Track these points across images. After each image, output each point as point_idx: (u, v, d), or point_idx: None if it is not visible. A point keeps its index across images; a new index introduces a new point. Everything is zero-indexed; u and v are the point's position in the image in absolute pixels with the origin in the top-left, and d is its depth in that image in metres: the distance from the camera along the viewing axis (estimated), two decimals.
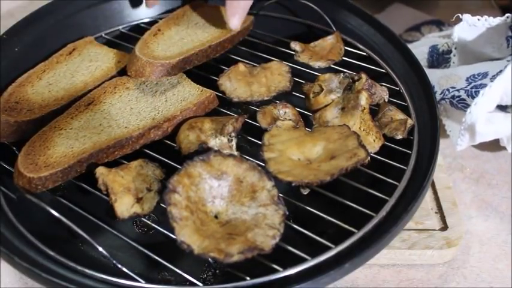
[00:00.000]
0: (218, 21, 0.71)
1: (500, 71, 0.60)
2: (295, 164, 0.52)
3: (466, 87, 0.63)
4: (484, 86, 0.60)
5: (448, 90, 0.65)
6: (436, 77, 0.66)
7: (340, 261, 0.45)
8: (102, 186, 0.50)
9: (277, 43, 0.72)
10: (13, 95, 0.60)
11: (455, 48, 0.70)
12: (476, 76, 0.63)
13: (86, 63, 0.66)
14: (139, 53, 0.62)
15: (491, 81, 0.60)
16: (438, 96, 0.66)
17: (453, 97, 0.64)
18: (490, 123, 0.61)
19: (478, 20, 0.66)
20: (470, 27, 0.67)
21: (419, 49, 0.74)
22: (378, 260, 0.53)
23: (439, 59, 0.73)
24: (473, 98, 0.61)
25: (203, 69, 0.67)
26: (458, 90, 0.63)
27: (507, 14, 0.64)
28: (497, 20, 0.65)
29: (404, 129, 0.57)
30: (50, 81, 0.63)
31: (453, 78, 0.66)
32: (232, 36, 0.68)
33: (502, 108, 0.63)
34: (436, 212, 0.59)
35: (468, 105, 0.61)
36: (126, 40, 0.72)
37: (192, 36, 0.68)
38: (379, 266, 0.56)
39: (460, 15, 0.67)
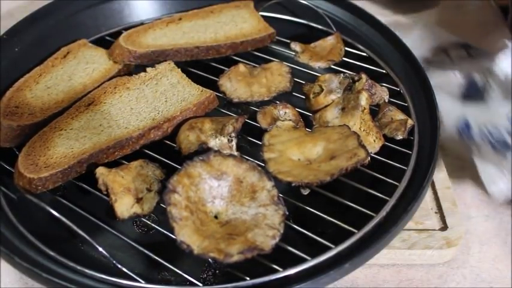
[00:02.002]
0: (235, 25, 0.71)
1: None
2: (295, 164, 0.52)
3: (509, 127, 0.58)
4: None
5: (487, 130, 0.59)
6: (472, 112, 0.61)
7: (340, 261, 0.45)
8: (102, 186, 0.50)
9: (278, 43, 0.72)
10: (12, 100, 0.60)
11: (494, 80, 0.63)
12: None
13: (83, 65, 0.66)
14: (125, 33, 0.68)
15: None
16: (475, 135, 0.59)
17: (493, 138, 0.58)
18: None
19: None
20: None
21: (451, 77, 0.67)
22: (377, 260, 0.53)
23: (476, 90, 0.66)
24: None
25: (203, 70, 0.67)
26: (499, 130, 0.58)
27: None
28: None
29: (405, 129, 0.57)
30: (47, 84, 0.63)
31: (493, 116, 0.60)
32: (235, 43, 0.69)
33: None
34: (436, 212, 0.59)
35: (510, 148, 0.56)
36: None
37: (198, 32, 0.69)
38: (379, 266, 0.56)
39: (506, 41, 0.62)
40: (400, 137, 0.57)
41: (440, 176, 0.62)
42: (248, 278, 0.45)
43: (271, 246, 0.44)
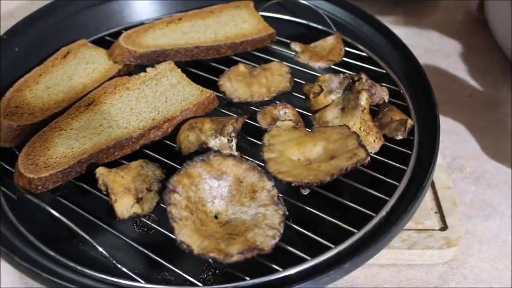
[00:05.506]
0: (235, 25, 0.71)
1: None
2: (295, 165, 0.52)
3: None
4: None
5: None
6: None
7: (340, 261, 0.45)
8: (102, 186, 0.50)
9: (278, 43, 0.72)
10: (12, 100, 0.60)
11: None
12: None
13: (83, 65, 0.66)
14: (125, 33, 0.68)
15: None
16: None
17: None
18: None
19: None
20: None
21: None
22: (377, 260, 0.53)
23: None
24: None
25: (203, 70, 0.67)
26: None
27: None
28: None
29: (405, 129, 0.57)
30: (47, 84, 0.63)
31: None
32: (235, 43, 0.69)
33: None
34: (435, 212, 0.59)
35: None
36: None
37: (198, 33, 0.70)
38: (379, 266, 0.56)
39: None
40: (400, 137, 0.57)
41: (440, 176, 0.62)
42: (248, 278, 0.45)
43: (271, 246, 0.44)
